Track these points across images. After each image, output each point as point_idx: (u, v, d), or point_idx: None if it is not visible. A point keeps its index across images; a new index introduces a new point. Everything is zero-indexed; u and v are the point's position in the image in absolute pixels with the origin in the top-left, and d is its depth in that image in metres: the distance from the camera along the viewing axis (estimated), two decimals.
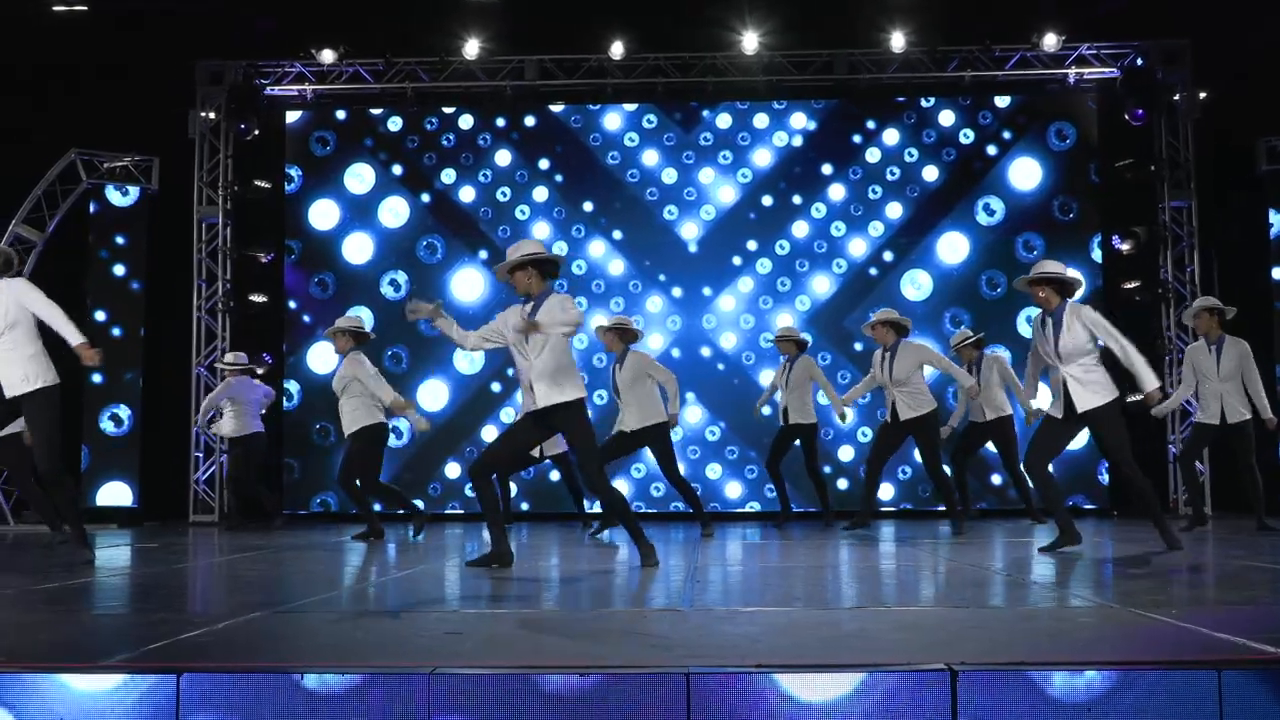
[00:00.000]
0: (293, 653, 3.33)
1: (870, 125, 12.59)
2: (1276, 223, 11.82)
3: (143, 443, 12.04)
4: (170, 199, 12.42)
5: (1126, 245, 11.96)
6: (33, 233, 11.67)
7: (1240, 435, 8.60)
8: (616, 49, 12.12)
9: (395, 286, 12.56)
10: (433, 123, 12.80)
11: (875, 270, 12.42)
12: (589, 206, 12.60)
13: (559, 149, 12.70)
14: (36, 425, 6.31)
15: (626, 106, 12.71)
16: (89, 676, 2.87)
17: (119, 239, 12.31)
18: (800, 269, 12.43)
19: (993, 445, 10.26)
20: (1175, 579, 5.34)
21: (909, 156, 12.51)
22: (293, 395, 12.47)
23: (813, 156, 12.59)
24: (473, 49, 12.21)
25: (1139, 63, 12.11)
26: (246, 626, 3.76)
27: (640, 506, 11.72)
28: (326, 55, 12.24)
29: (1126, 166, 12.04)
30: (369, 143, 12.80)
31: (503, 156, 12.71)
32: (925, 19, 11.93)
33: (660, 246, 12.54)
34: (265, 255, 12.42)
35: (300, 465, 12.44)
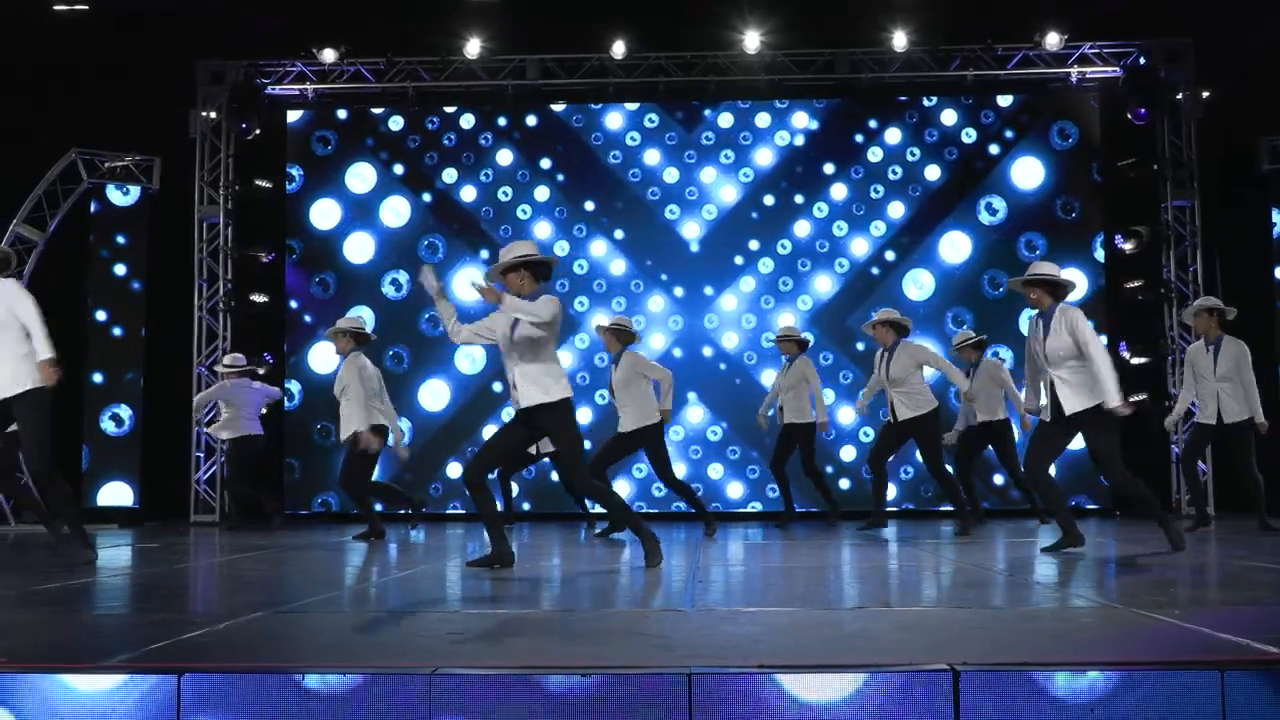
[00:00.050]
0: (294, 653, 3.32)
1: (872, 124, 12.58)
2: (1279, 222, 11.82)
3: (143, 443, 12.04)
4: (171, 198, 12.42)
5: (1129, 245, 11.94)
6: (34, 232, 11.68)
7: (1238, 436, 8.58)
8: (618, 48, 12.12)
9: (396, 286, 12.56)
10: (434, 122, 12.80)
11: (877, 270, 12.41)
12: (590, 206, 12.59)
13: (560, 148, 12.70)
14: (26, 427, 6.31)
15: (628, 106, 12.70)
16: (90, 677, 2.87)
17: (120, 238, 12.31)
18: (802, 268, 12.42)
19: (992, 447, 10.24)
20: (1178, 579, 5.33)
21: (911, 156, 12.50)
22: (294, 395, 12.47)
23: (814, 156, 12.58)
24: (474, 48, 12.20)
25: (1141, 62, 12.09)
26: (247, 627, 3.75)
27: (641, 507, 11.71)
28: (328, 55, 12.23)
29: (1129, 166, 12.03)
30: (370, 142, 12.80)
31: (504, 156, 12.70)
32: (927, 18, 11.92)
33: (662, 246, 12.53)
34: (266, 255, 12.42)
35: (301, 465, 12.43)
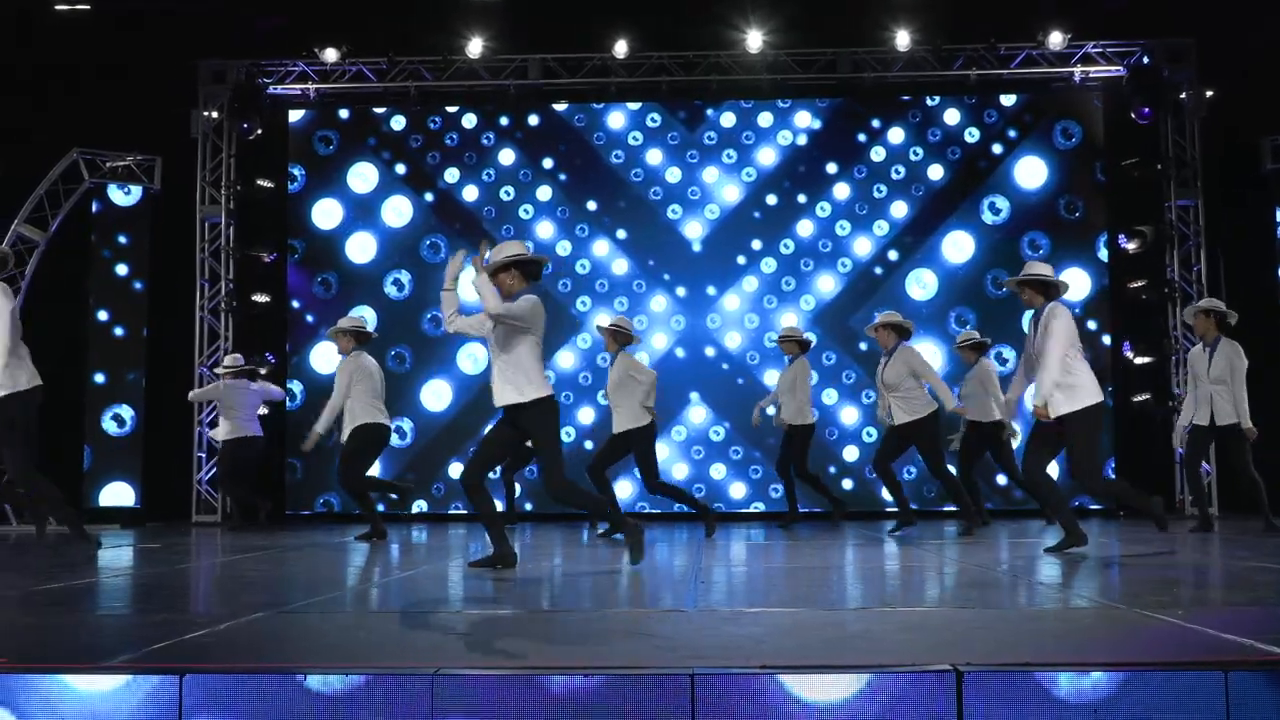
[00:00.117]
0: (296, 653, 3.32)
1: (875, 124, 12.57)
2: None
3: (145, 443, 12.03)
4: (173, 198, 12.41)
5: (1133, 244, 11.93)
6: (35, 232, 11.67)
7: (1233, 438, 8.52)
8: (620, 48, 12.11)
9: (398, 286, 12.56)
10: (436, 122, 12.79)
11: (880, 269, 12.40)
12: (592, 206, 12.59)
13: (562, 148, 12.69)
14: None
15: (630, 105, 12.70)
16: (92, 677, 2.86)
17: (121, 238, 12.31)
18: (805, 268, 12.41)
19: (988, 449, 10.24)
20: (1181, 580, 5.32)
21: (914, 155, 12.48)
22: (296, 395, 12.46)
23: (817, 155, 12.57)
24: (476, 48, 12.20)
25: (1145, 61, 12.08)
26: (249, 627, 3.75)
27: (644, 508, 11.70)
28: (329, 54, 12.22)
29: (1132, 165, 12.02)
30: (372, 142, 12.79)
31: (506, 156, 12.70)
32: (930, 17, 11.91)
33: (664, 246, 12.52)
34: (268, 255, 12.42)
35: (303, 465, 12.42)
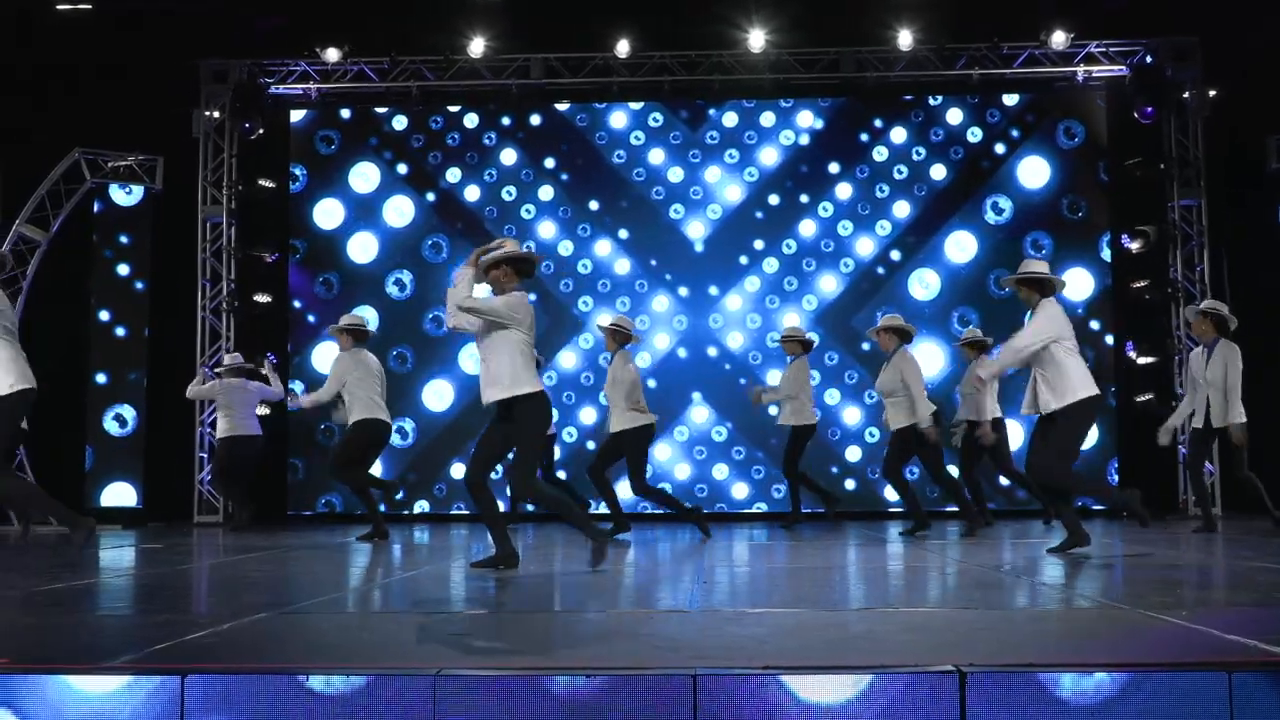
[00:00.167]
0: (298, 654, 3.31)
1: (877, 124, 12.56)
2: None
3: (147, 443, 12.02)
4: (174, 198, 12.40)
5: (1136, 244, 11.91)
6: (37, 232, 11.67)
7: (1227, 439, 8.48)
8: (622, 47, 12.10)
9: (400, 286, 12.55)
10: (438, 121, 12.79)
11: (883, 269, 12.39)
12: (595, 205, 12.58)
13: (564, 148, 12.69)
14: None
15: (632, 105, 12.69)
16: (94, 678, 2.86)
17: (123, 238, 12.31)
18: (807, 268, 12.40)
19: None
20: (1184, 580, 5.31)
21: (916, 155, 12.47)
22: (297, 396, 12.44)
23: (819, 155, 12.56)
24: (478, 48, 12.19)
25: (1148, 61, 12.06)
26: (251, 628, 3.74)
27: (646, 508, 11.66)
28: (331, 54, 12.21)
29: (1136, 165, 11.99)
30: (374, 141, 12.79)
31: (508, 155, 12.69)
32: (933, 17, 11.89)
33: (666, 245, 12.52)
34: (270, 255, 12.41)
35: (305, 465, 12.42)
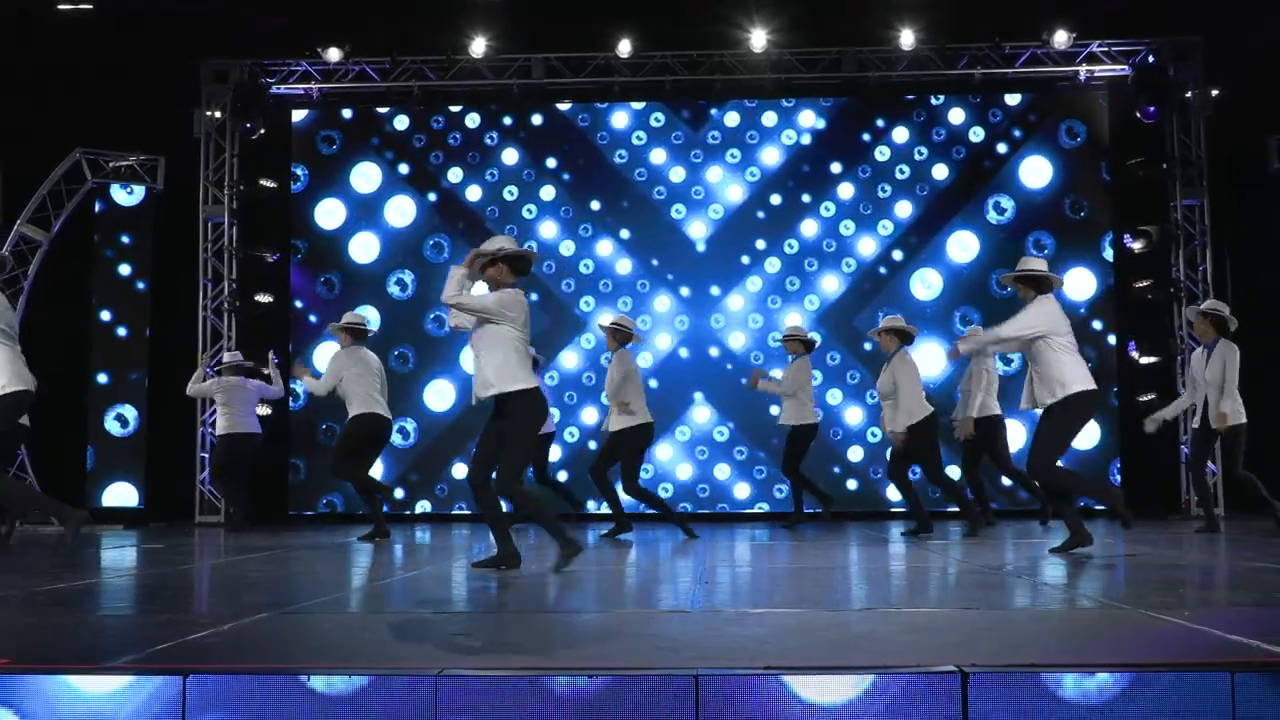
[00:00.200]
0: (300, 654, 3.31)
1: (879, 123, 12.54)
2: None
3: (148, 443, 12.01)
4: (176, 198, 12.39)
5: (1138, 244, 11.90)
6: (38, 232, 11.67)
7: (1224, 440, 8.45)
8: (624, 47, 12.09)
9: (402, 286, 12.55)
10: (439, 121, 12.78)
11: (885, 269, 12.38)
12: (596, 205, 12.58)
13: (566, 148, 12.68)
14: None
15: (634, 105, 12.68)
16: (95, 678, 2.85)
17: (124, 238, 12.30)
18: (809, 268, 12.39)
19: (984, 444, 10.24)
20: (1187, 580, 5.30)
21: (918, 155, 12.46)
22: (299, 396, 12.45)
23: (821, 155, 12.54)
24: (479, 47, 12.18)
25: (1150, 60, 12.05)
26: (253, 628, 3.74)
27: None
28: (332, 54, 12.19)
29: (1138, 165, 11.98)
30: (375, 141, 12.79)
31: (509, 155, 12.69)
32: (934, 16, 11.87)
33: (668, 245, 12.51)
34: (271, 255, 12.41)
35: (306, 465, 12.42)
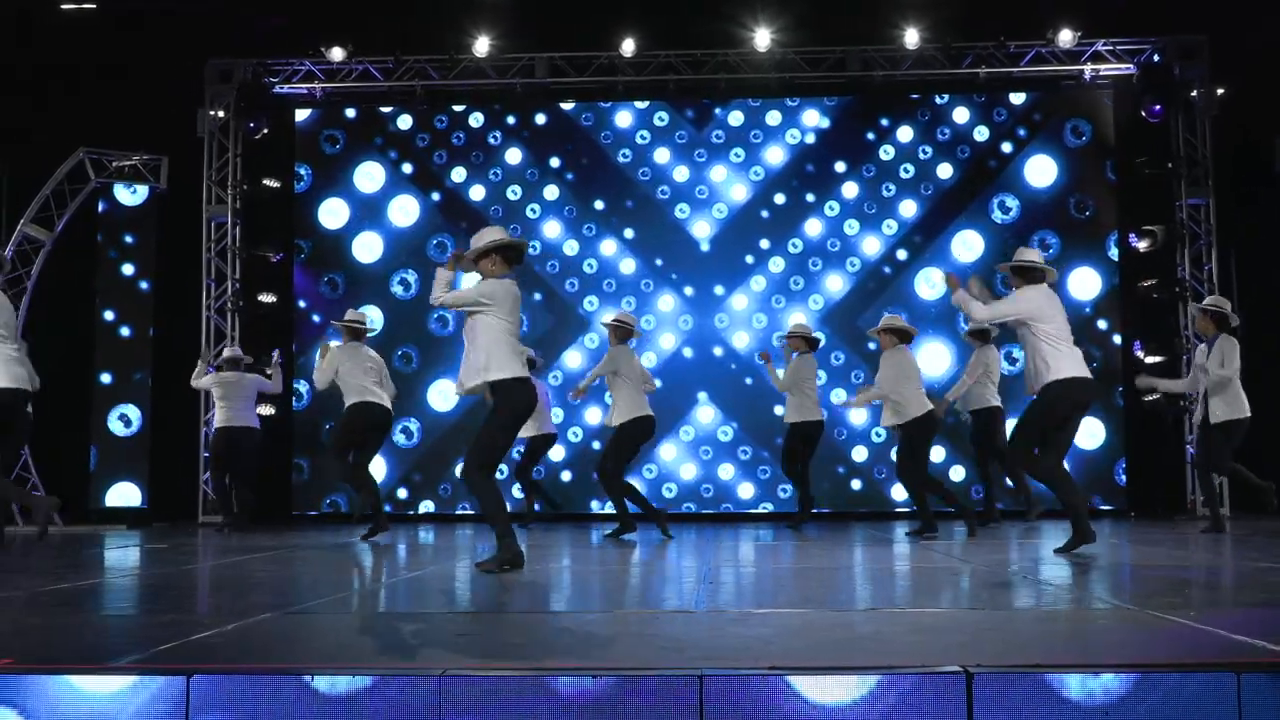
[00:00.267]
0: (303, 654, 3.30)
1: (884, 122, 12.53)
2: None
3: (151, 443, 12.00)
4: (179, 198, 12.39)
5: (1144, 243, 11.87)
6: (41, 232, 11.67)
7: (1217, 436, 8.40)
8: (627, 46, 12.08)
9: (405, 286, 12.55)
10: (443, 121, 12.78)
11: (889, 269, 12.36)
12: (600, 205, 12.57)
13: (570, 147, 12.67)
14: None
15: (638, 104, 12.67)
16: (98, 678, 2.85)
17: (128, 238, 12.30)
18: (813, 267, 12.37)
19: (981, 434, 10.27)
20: (1192, 581, 5.28)
21: (923, 154, 12.44)
22: (302, 395, 12.46)
23: (826, 154, 12.53)
24: (483, 46, 12.18)
25: (1156, 59, 12.02)
26: (256, 628, 3.74)
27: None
28: (336, 53, 12.19)
29: (1143, 164, 11.95)
30: (379, 141, 12.79)
31: (513, 155, 12.68)
32: (939, 15, 11.85)
33: (672, 245, 12.50)
34: (274, 254, 12.41)
35: (309, 465, 12.42)
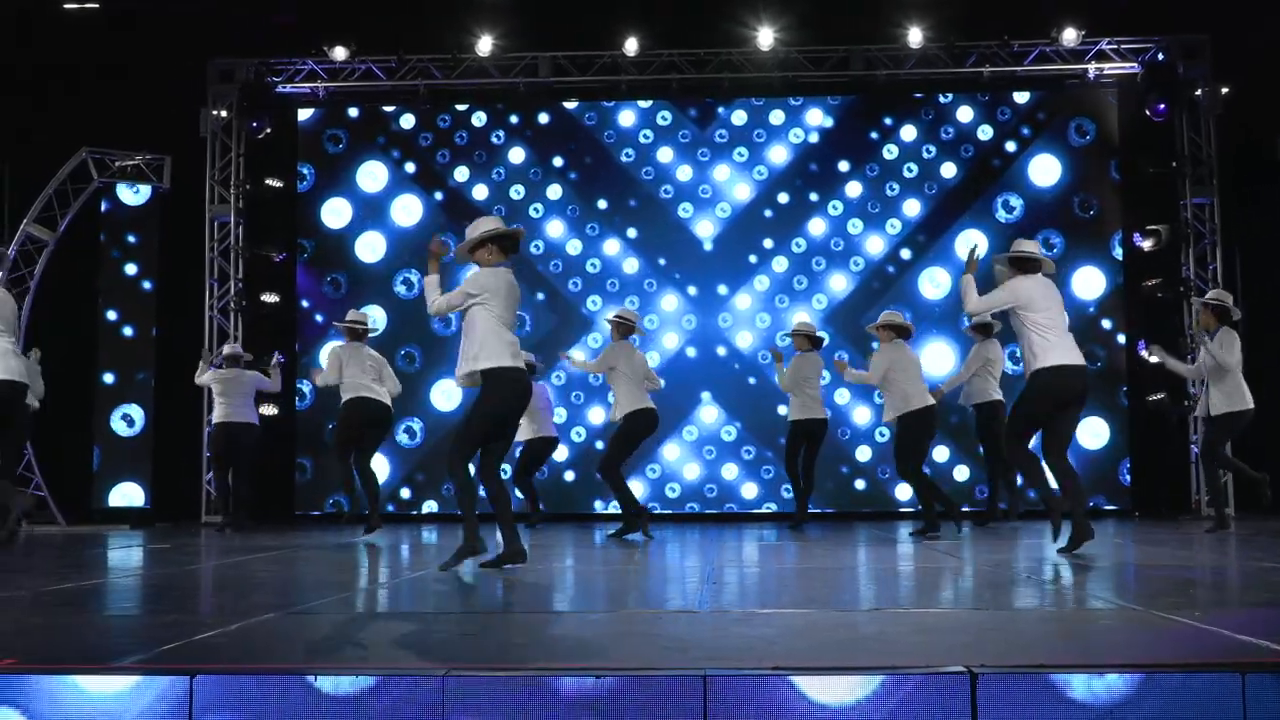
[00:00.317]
0: (306, 654, 3.30)
1: (887, 122, 12.52)
2: None
3: (154, 443, 12.03)
4: (182, 197, 12.39)
5: (1148, 243, 11.86)
6: (44, 232, 11.68)
7: (1215, 425, 8.40)
8: (630, 45, 12.07)
9: (408, 285, 12.55)
10: (445, 120, 12.78)
11: (893, 268, 12.35)
12: (603, 204, 12.56)
13: (573, 146, 12.67)
14: None
15: (641, 103, 12.67)
16: (102, 678, 2.84)
17: (131, 238, 12.32)
18: (817, 267, 12.36)
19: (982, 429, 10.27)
20: (1197, 580, 5.28)
21: (927, 153, 12.43)
22: (305, 395, 12.47)
23: (829, 153, 12.52)
24: (486, 45, 12.18)
25: (1160, 58, 12.01)
26: (260, 628, 3.73)
27: (655, 507, 11.67)
28: (338, 52, 12.19)
29: (1148, 163, 11.94)
30: (381, 140, 12.79)
31: (516, 154, 12.68)
32: (943, 14, 11.85)
33: (675, 244, 12.49)
34: (277, 254, 12.42)
35: (312, 465, 12.43)
